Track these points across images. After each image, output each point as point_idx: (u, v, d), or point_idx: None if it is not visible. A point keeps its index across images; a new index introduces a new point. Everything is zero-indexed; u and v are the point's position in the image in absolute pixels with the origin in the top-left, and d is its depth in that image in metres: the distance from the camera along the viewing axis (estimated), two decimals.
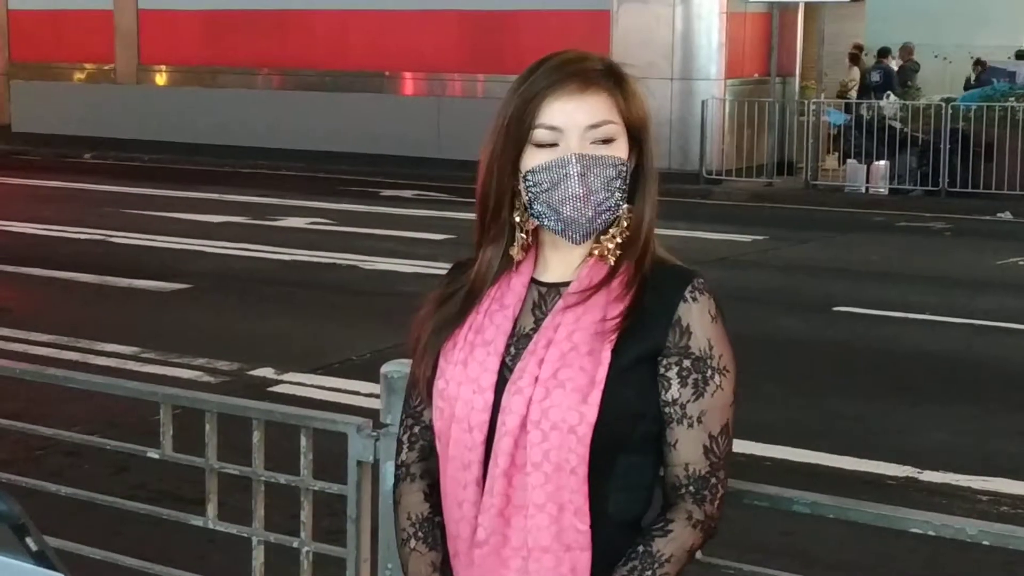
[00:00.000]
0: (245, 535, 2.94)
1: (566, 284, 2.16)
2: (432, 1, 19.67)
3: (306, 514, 2.81)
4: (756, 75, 18.49)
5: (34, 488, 3.41)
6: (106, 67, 23.02)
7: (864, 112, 17.64)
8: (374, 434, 2.65)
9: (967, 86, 19.86)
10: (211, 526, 2.97)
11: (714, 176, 17.59)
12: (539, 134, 2.10)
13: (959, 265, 12.38)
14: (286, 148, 20.15)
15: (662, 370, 2.10)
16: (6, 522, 1.59)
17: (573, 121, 2.09)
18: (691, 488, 2.10)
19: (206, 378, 8.10)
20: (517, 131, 2.10)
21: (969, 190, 16.15)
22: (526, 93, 2.10)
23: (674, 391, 2.10)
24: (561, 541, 2.07)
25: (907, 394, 7.91)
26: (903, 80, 19.75)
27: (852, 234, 14.35)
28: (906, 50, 20.60)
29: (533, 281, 2.18)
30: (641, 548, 2.08)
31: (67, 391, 3.32)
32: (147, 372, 8.09)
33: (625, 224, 2.15)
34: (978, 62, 20.29)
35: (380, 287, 10.90)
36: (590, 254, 2.16)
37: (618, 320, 2.09)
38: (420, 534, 2.20)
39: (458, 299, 2.20)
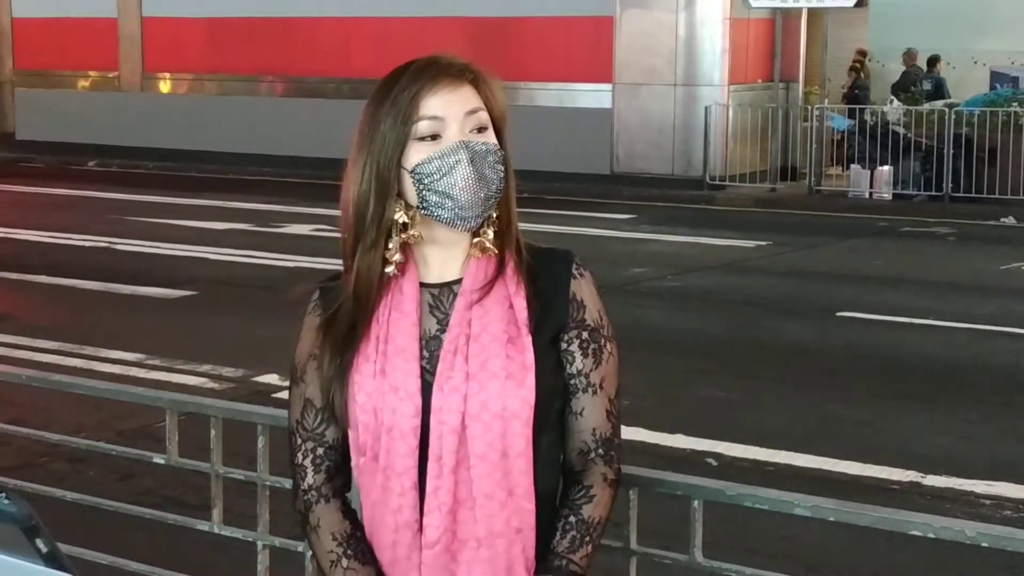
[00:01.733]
0: (250, 539, 2.96)
1: (456, 282, 2.21)
2: (436, 8, 19.69)
3: None
4: (759, 81, 18.50)
5: (39, 493, 3.43)
6: (110, 75, 23.05)
7: (867, 117, 17.65)
8: None
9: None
10: (216, 531, 2.99)
11: (717, 182, 17.60)
12: (422, 126, 2.16)
13: (963, 270, 12.39)
14: (290, 155, 20.17)
15: (565, 345, 2.22)
16: (17, 524, 1.61)
17: (452, 110, 2.16)
18: (600, 451, 2.22)
19: (211, 384, 8.12)
20: (398, 131, 2.16)
21: (973, 195, 16.16)
22: (403, 95, 2.16)
23: (578, 363, 2.22)
24: (512, 524, 2.15)
25: (911, 399, 7.92)
26: (906, 86, 19.74)
27: (856, 239, 14.36)
28: (909, 55, 20.60)
29: (421, 284, 2.22)
30: (574, 518, 2.19)
31: (70, 397, 3.35)
32: (152, 379, 8.11)
33: (495, 215, 2.20)
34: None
35: None
36: (473, 249, 2.21)
37: (530, 307, 2.18)
38: (350, 552, 2.22)
39: (344, 316, 2.21)
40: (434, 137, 2.15)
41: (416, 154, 2.16)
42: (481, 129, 2.18)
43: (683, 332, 9.58)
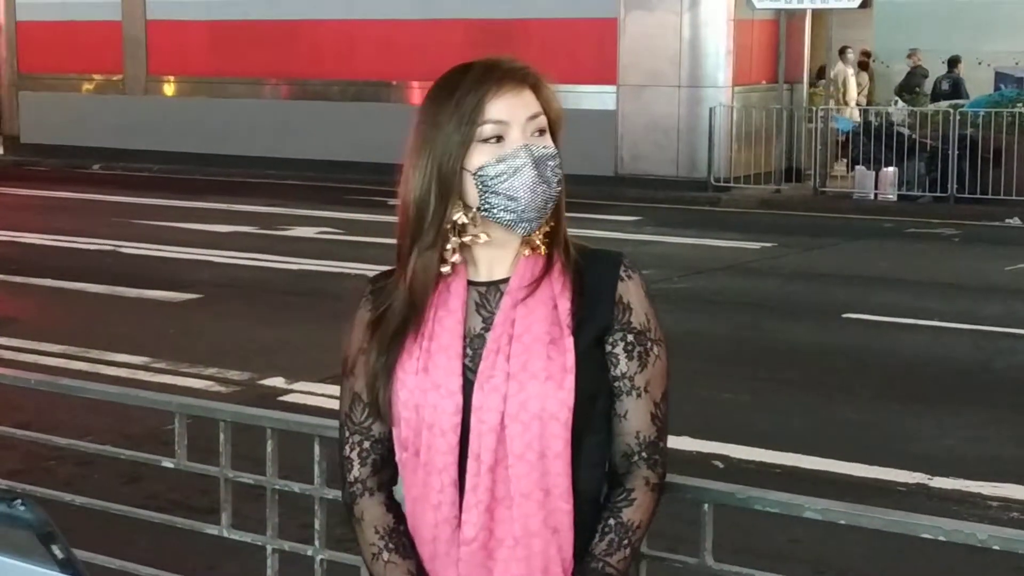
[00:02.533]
0: (259, 543, 2.96)
1: (504, 281, 2.23)
2: (439, 10, 19.70)
3: (319, 522, 2.83)
4: (764, 82, 18.49)
5: (47, 498, 3.43)
6: (115, 78, 23.06)
7: (872, 118, 17.64)
8: None
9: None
10: (225, 534, 2.99)
11: (722, 183, 17.59)
12: (487, 129, 2.18)
13: (968, 271, 12.37)
14: (294, 158, 20.19)
15: (609, 347, 2.23)
16: (32, 530, 1.61)
17: (516, 114, 2.19)
18: (643, 454, 2.22)
19: (217, 388, 8.12)
20: (462, 133, 2.18)
21: (977, 196, 16.13)
22: (468, 98, 2.18)
23: (622, 366, 2.22)
24: (548, 524, 2.16)
25: (916, 401, 7.91)
26: (911, 86, 19.73)
27: (861, 241, 14.35)
28: (914, 56, 20.60)
29: (469, 283, 2.24)
30: (612, 521, 2.20)
31: (76, 401, 3.35)
32: (158, 382, 8.11)
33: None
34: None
35: None
36: (523, 247, 2.23)
37: (573, 308, 2.20)
38: (391, 545, 2.24)
39: (396, 312, 2.24)
40: (498, 139, 2.18)
41: (480, 156, 2.18)
42: (541, 132, 2.22)
43: (688, 334, 9.57)
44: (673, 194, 17.34)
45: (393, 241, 2.30)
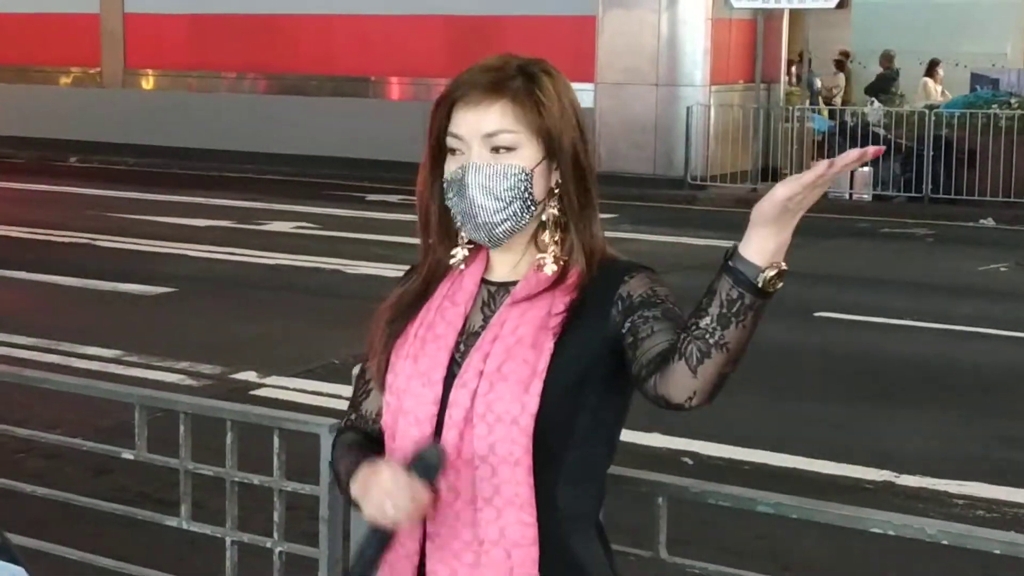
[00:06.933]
0: (219, 535, 2.96)
1: (514, 283, 2.20)
2: (418, 6, 19.68)
3: (279, 514, 2.83)
4: (741, 81, 18.53)
5: (11, 489, 3.43)
6: (92, 71, 22.98)
7: (848, 119, 17.70)
8: None
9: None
10: (185, 526, 2.99)
11: (699, 182, 17.63)
12: (450, 141, 2.18)
13: (941, 271, 12.42)
14: (272, 152, 20.13)
15: (626, 340, 2.11)
16: None
17: (474, 130, 2.15)
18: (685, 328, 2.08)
19: (189, 381, 8.11)
20: (436, 138, 2.20)
21: (952, 196, 16.20)
22: (441, 100, 2.18)
23: (639, 331, 2.11)
24: (508, 535, 2.09)
25: (886, 399, 7.95)
26: (883, 87, 19.81)
27: (835, 240, 14.37)
28: (886, 57, 20.67)
29: (483, 280, 2.23)
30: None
31: (51, 394, 3.34)
32: (129, 375, 8.10)
33: (555, 227, 2.18)
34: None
35: (364, 291, 10.91)
36: (536, 255, 2.19)
37: (563, 313, 2.13)
38: (367, 453, 2.18)
39: (410, 296, 2.25)
40: (461, 152, 2.17)
41: (447, 167, 2.19)
42: (505, 149, 2.15)
43: None
44: (650, 192, 17.36)
45: (368, 237, 2.33)
